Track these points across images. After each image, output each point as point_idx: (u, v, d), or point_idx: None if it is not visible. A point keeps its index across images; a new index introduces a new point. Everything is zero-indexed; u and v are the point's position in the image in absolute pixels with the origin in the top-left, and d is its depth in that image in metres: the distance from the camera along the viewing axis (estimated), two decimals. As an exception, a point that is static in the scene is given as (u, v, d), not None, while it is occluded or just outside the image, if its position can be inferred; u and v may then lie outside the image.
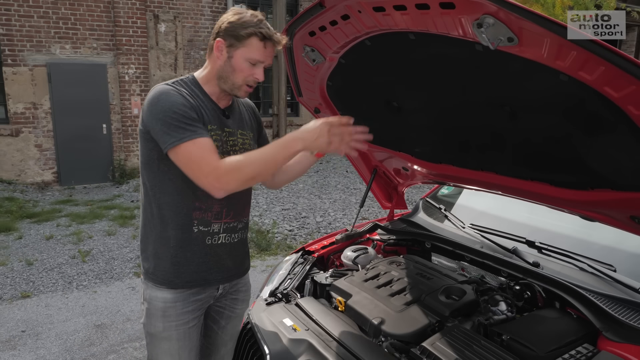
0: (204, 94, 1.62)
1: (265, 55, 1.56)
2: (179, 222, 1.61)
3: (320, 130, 1.46)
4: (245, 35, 1.52)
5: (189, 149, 1.45)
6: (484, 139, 1.66)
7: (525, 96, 1.32)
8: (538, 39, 1.04)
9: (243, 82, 1.59)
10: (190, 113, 1.49)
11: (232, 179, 1.45)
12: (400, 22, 1.32)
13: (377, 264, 2.04)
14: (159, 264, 1.65)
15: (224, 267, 1.73)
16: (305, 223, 5.60)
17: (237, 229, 1.74)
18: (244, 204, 1.78)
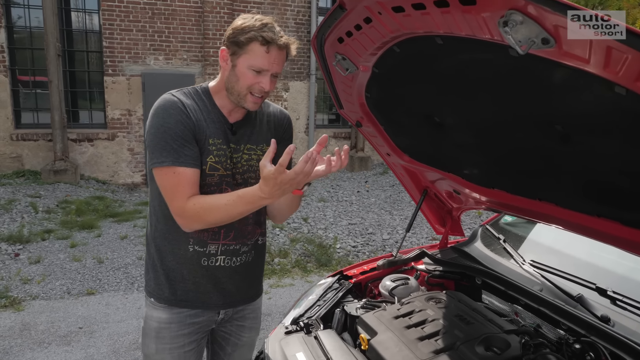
0: (213, 106, 1.54)
1: (270, 62, 1.43)
2: (176, 237, 1.54)
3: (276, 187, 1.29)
4: (246, 41, 1.41)
5: (166, 176, 1.42)
6: (536, 163, 1.39)
7: (578, 113, 1.05)
8: (580, 40, 0.80)
9: (247, 92, 1.47)
10: (182, 133, 1.42)
11: (195, 222, 1.42)
12: (422, 23, 1.12)
13: (413, 299, 1.81)
14: (157, 277, 1.60)
15: (224, 292, 1.62)
16: (370, 240, 5.38)
17: (241, 252, 1.63)
18: (252, 225, 1.65)
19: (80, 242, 5.11)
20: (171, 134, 1.41)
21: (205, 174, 1.49)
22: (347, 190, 7.64)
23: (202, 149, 1.48)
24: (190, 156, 1.43)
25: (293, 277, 4.43)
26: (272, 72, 1.46)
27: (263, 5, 8.93)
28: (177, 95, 1.50)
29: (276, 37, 1.41)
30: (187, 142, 1.43)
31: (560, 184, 1.39)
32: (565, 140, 1.15)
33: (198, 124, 1.47)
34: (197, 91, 1.55)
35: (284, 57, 1.48)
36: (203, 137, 1.48)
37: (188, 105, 1.48)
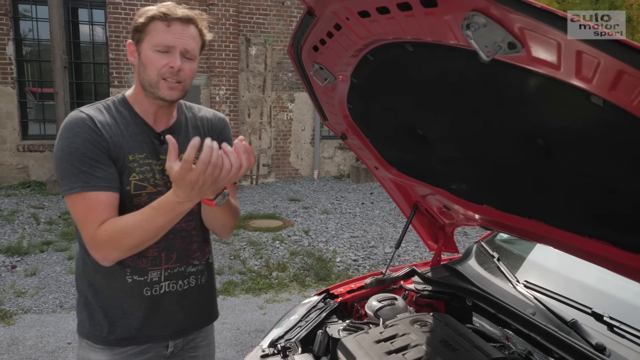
0: (134, 116, 1.39)
1: (173, 37, 1.28)
2: (110, 270, 1.36)
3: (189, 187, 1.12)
4: (145, 22, 1.29)
5: (76, 203, 1.26)
6: (521, 179, 1.29)
7: (557, 126, 0.95)
8: (548, 44, 0.71)
9: (158, 77, 1.30)
10: (92, 153, 1.27)
11: (110, 250, 1.25)
12: (389, 29, 1.04)
13: (397, 322, 1.70)
14: (92, 316, 1.41)
15: (173, 321, 1.47)
16: (372, 253, 5.26)
17: (187, 274, 1.48)
18: (199, 243, 1.50)
19: (77, 254, 5.06)
20: (78, 156, 1.26)
21: (130, 195, 1.34)
22: (352, 202, 7.54)
23: (122, 168, 1.33)
24: (102, 178, 1.27)
25: (290, 291, 4.33)
26: (181, 49, 1.30)
27: (268, 16, 8.94)
28: (87, 111, 1.34)
29: (174, 10, 1.29)
30: (99, 162, 1.27)
31: (547, 201, 1.29)
32: (547, 155, 1.06)
33: (113, 141, 1.32)
34: (114, 102, 1.40)
35: (192, 34, 1.32)
36: (121, 154, 1.33)
37: (100, 121, 1.32)
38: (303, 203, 7.44)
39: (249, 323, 3.71)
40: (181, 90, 1.35)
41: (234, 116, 8.82)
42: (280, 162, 9.46)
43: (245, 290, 4.30)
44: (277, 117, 9.32)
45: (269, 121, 9.25)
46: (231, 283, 4.41)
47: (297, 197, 7.85)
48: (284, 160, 9.48)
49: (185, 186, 1.11)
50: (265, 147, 9.26)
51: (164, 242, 1.39)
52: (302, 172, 9.63)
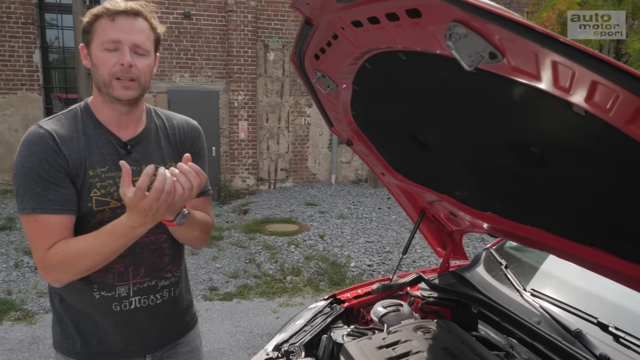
0: (97, 125, 1.32)
1: (119, 32, 1.21)
2: (77, 286, 1.31)
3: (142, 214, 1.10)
4: (91, 21, 1.24)
5: (28, 224, 1.23)
6: (520, 186, 1.28)
7: (547, 135, 0.95)
8: (526, 55, 0.71)
9: (110, 76, 1.24)
10: (47, 173, 1.22)
11: (61, 273, 1.22)
12: (380, 38, 1.05)
13: (401, 328, 1.70)
14: (64, 330, 1.38)
15: (147, 336, 1.42)
16: (387, 258, 5.25)
17: (159, 288, 1.42)
18: (168, 255, 1.43)
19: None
20: (33, 176, 1.21)
21: (93, 212, 1.28)
22: (368, 207, 7.53)
23: (82, 184, 1.27)
24: (55, 201, 1.22)
25: (304, 296, 4.35)
26: (129, 44, 1.23)
27: (286, 22, 9.01)
28: (47, 125, 1.27)
29: (118, 5, 1.22)
30: (54, 183, 1.22)
31: (547, 209, 1.28)
32: (542, 163, 1.05)
33: (72, 157, 1.26)
34: (76, 112, 1.33)
35: (141, 27, 1.25)
36: (81, 170, 1.27)
37: (60, 135, 1.26)
38: (320, 207, 7.47)
39: (262, 326, 3.75)
40: (137, 88, 1.28)
41: (252, 121, 8.91)
42: (297, 166, 9.51)
43: (260, 294, 4.34)
44: (295, 122, 9.38)
45: (286, 126, 9.32)
46: (246, 286, 4.45)
47: (314, 202, 7.87)
48: (301, 164, 9.53)
49: (138, 212, 1.08)
50: (283, 152, 9.32)
51: (130, 256, 1.34)
52: (320, 177, 9.66)
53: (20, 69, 8.10)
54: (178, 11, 8.44)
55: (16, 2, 7.91)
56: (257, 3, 8.63)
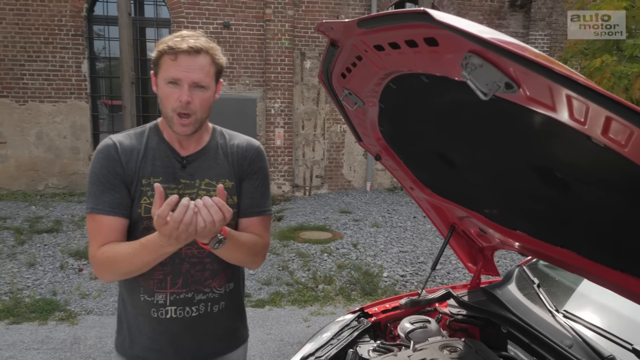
0: (161, 140, 1.45)
1: (180, 70, 1.29)
2: (131, 285, 1.45)
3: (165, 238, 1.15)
4: (158, 55, 1.33)
5: (88, 222, 1.38)
6: (548, 209, 1.26)
7: (569, 162, 0.93)
8: (541, 87, 0.71)
9: (172, 112, 1.34)
10: (106, 178, 1.36)
11: (105, 272, 1.35)
12: (401, 62, 1.07)
13: (427, 346, 1.69)
14: (121, 328, 1.52)
15: (182, 348, 1.47)
16: (420, 269, 5.18)
17: (196, 301, 1.45)
18: (209, 270, 1.46)
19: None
20: (95, 180, 1.37)
21: (141, 218, 1.39)
22: (403, 216, 7.45)
23: (135, 192, 1.39)
24: (109, 203, 1.35)
25: (335, 305, 4.35)
26: (189, 82, 1.31)
27: (323, 30, 9.07)
28: (115, 137, 1.43)
29: (180, 43, 1.29)
30: (110, 188, 1.36)
31: (576, 232, 1.25)
32: (567, 188, 1.03)
33: (128, 166, 1.38)
34: (145, 129, 1.48)
35: (201, 64, 1.32)
36: (135, 178, 1.39)
37: (124, 146, 1.40)
38: (354, 215, 7.46)
39: (293, 335, 3.78)
40: (193, 124, 1.37)
41: (288, 128, 9.01)
42: (333, 173, 9.53)
43: (292, 301, 4.38)
44: (331, 129, 9.42)
45: (322, 133, 9.37)
46: (278, 294, 4.50)
47: (348, 209, 7.87)
48: (336, 171, 9.55)
49: (162, 236, 1.15)
50: (318, 159, 9.37)
51: (169, 265, 1.41)
52: (355, 184, 9.65)
53: (70, 78, 8.51)
54: (218, 21, 8.66)
55: (67, 15, 8.32)
56: (294, 12, 8.75)
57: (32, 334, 3.72)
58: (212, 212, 1.14)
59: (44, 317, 3.99)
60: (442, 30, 0.77)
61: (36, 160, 8.52)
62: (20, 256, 5.34)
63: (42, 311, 4.08)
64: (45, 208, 7.45)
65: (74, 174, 8.67)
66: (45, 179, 8.60)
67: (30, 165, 8.51)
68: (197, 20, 8.58)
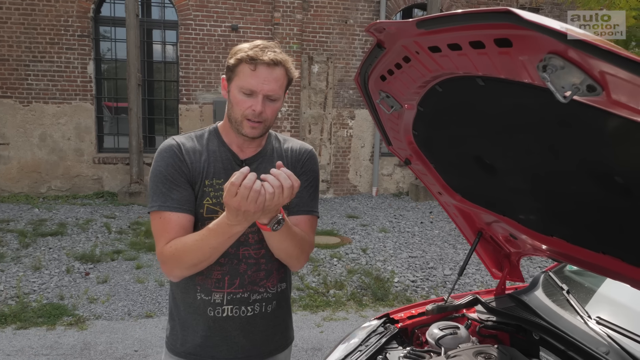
0: (221, 144, 1.50)
1: (258, 82, 1.34)
2: (186, 285, 1.49)
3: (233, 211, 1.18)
4: (235, 63, 1.36)
5: (154, 221, 1.41)
6: (596, 214, 1.24)
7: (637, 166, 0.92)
8: (631, 90, 0.69)
9: (242, 117, 1.39)
10: (172, 176, 1.40)
11: (173, 266, 1.37)
12: (460, 64, 1.05)
13: (460, 353, 1.67)
14: (173, 327, 1.55)
15: (236, 346, 1.51)
16: (431, 275, 5.16)
17: (252, 301, 1.50)
18: (264, 271, 1.51)
19: (145, 264, 5.33)
20: (161, 178, 1.40)
21: (203, 218, 1.43)
22: (410, 221, 7.44)
23: (198, 191, 1.44)
24: (177, 200, 1.39)
25: (347, 310, 4.32)
26: (264, 93, 1.36)
27: (332, 35, 9.10)
28: (178, 138, 1.49)
29: (261, 54, 1.33)
30: (177, 185, 1.40)
31: (625, 239, 1.23)
32: (626, 193, 1.02)
33: (194, 166, 1.44)
34: (204, 133, 1.53)
35: (277, 77, 1.37)
36: (199, 178, 1.44)
37: (187, 147, 1.46)
38: (361, 220, 7.44)
39: (306, 340, 3.75)
40: (263, 128, 1.43)
41: (295, 132, 9.00)
42: (339, 178, 9.52)
43: (303, 307, 4.35)
44: (337, 134, 9.42)
45: (329, 137, 9.36)
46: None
47: (355, 214, 7.85)
48: (342, 176, 9.54)
49: (232, 209, 1.17)
50: (324, 163, 9.36)
51: (228, 266, 1.46)
52: (361, 189, 9.64)
53: (75, 79, 8.50)
54: (226, 24, 8.67)
55: (74, 15, 8.32)
56: (303, 16, 8.76)
57: (41, 340, 3.67)
58: (281, 178, 1.18)
59: (51, 322, 3.95)
60: (522, 30, 0.76)
61: (39, 162, 8.49)
62: (25, 259, 5.30)
63: (50, 316, 4.03)
64: (49, 211, 7.42)
65: (78, 177, 8.65)
66: (48, 181, 8.57)
67: (33, 167, 8.48)
68: (205, 23, 8.59)
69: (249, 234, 1.47)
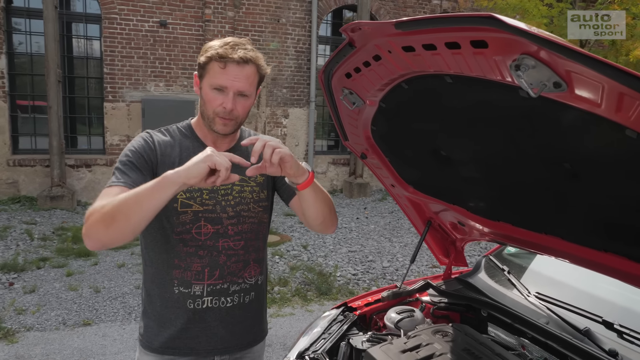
0: (195, 139, 1.52)
1: (227, 78, 1.36)
2: (162, 280, 1.49)
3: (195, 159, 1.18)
4: (206, 61, 1.39)
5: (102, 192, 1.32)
6: (543, 198, 1.40)
7: (587, 153, 1.07)
8: (592, 86, 0.82)
9: (214, 114, 1.42)
10: (137, 160, 1.39)
11: (93, 222, 1.21)
12: (432, 63, 1.15)
13: (420, 332, 1.79)
14: (147, 323, 1.55)
15: (215, 336, 1.53)
16: (370, 267, 5.35)
17: (231, 292, 1.53)
18: (242, 262, 1.55)
19: (76, 271, 5.05)
20: (123, 160, 1.40)
21: (177, 212, 1.44)
22: (346, 217, 7.63)
23: None
24: (132, 179, 1.34)
25: (293, 306, 4.38)
26: (234, 90, 1.38)
27: (264, 33, 9.09)
28: (152, 131, 1.51)
29: (231, 52, 1.35)
30: (137, 169, 1.38)
31: (567, 219, 1.40)
32: (574, 178, 1.17)
33: (163, 158, 1.44)
34: (178, 128, 1.55)
35: (248, 74, 1.39)
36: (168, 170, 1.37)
37: (159, 140, 1.47)
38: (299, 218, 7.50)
39: (254, 337, 3.75)
40: (234, 125, 1.46)
41: (227, 131, 8.89)
42: (273, 176, 9.52)
43: (248, 304, 4.34)
44: (271, 133, 9.42)
45: (262, 136, 9.34)
46: (233, 297, 4.45)
47: (292, 212, 7.90)
48: (277, 175, 9.55)
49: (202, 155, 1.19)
50: (258, 162, 9.32)
51: (207, 258, 1.48)
52: (295, 187, 9.70)
53: (-15, 75, 7.82)
54: (154, 19, 8.38)
55: (-18, 6, 7.65)
56: (234, 14, 8.68)
57: (-34, 356, 3.40)
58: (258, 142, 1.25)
59: (-24, 336, 3.65)
60: (499, 33, 0.86)
61: (-54, 165, 7.73)
62: (-64, 271, 4.83)
63: (-26, 331, 3.72)
64: (-41, 217, 6.79)
65: (-9, 180, 7.97)
66: (-43, 186, 7.82)
67: (-61, 171, 7.71)
68: (132, 18, 8.25)
69: (229, 225, 1.50)
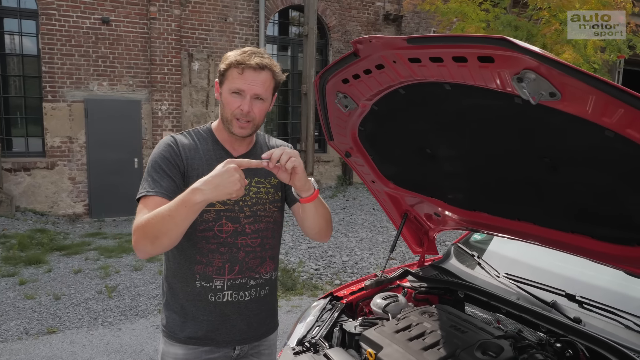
0: (215, 142, 1.63)
1: (244, 83, 1.49)
2: (185, 274, 1.60)
3: (222, 176, 1.28)
4: (226, 68, 1.51)
5: (140, 204, 1.46)
6: (522, 189, 1.61)
7: (567, 149, 1.27)
8: (582, 95, 1.01)
9: (232, 117, 1.54)
10: (166, 165, 1.50)
11: (139, 237, 1.37)
12: (436, 73, 1.31)
13: (408, 314, 1.97)
14: (170, 315, 1.64)
15: (234, 328, 1.64)
16: (331, 262, 5.53)
17: (249, 287, 1.64)
18: (259, 258, 1.65)
19: (29, 279, 4.85)
20: (155, 167, 1.50)
21: (201, 211, 1.44)
22: (300, 214, 7.75)
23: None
24: (165, 187, 1.47)
25: (260, 302, 4.46)
26: (251, 94, 1.50)
27: (211, 32, 9.01)
28: (176, 135, 1.61)
29: (248, 59, 1.48)
30: (168, 175, 1.49)
31: (541, 206, 1.62)
32: (553, 170, 1.38)
33: (189, 162, 1.55)
34: (200, 130, 1.66)
35: (264, 79, 1.52)
36: (194, 174, 1.51)
37: (183, 143, 1.57)
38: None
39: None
40: (251, 127, 1.57)
41: (176, 131, 8.74)
42: (224, 176, 9.47)
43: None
44: (221, 132, 9.36)
45: (212, 136, 9.27)
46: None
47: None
48: (228, 174, 9.51)
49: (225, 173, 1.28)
50: (209, 162, 9.25)
51: (228, 254, 1.59)
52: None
53: None
54: (95, 16, 8.08)
55: None
56: (181, 12, 8.54)
57: None
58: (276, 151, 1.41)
59: None
60: (507, 51, 1.04)
61: None
62: None
63: None
64: None
65: None
66: None
67: None
68: (71, 14, 7.91)
69: (246, 224, 1.59)
